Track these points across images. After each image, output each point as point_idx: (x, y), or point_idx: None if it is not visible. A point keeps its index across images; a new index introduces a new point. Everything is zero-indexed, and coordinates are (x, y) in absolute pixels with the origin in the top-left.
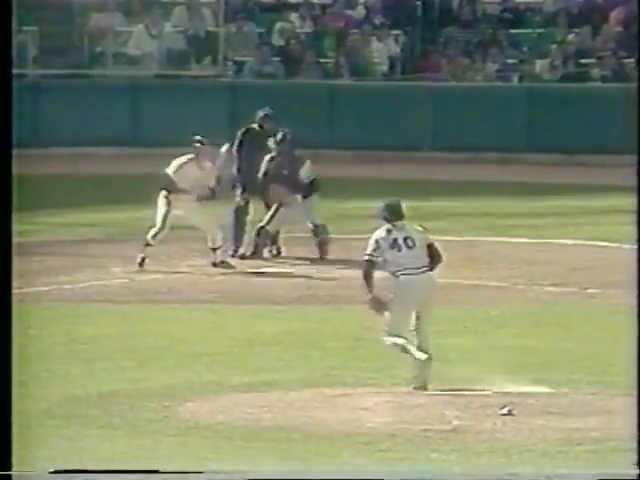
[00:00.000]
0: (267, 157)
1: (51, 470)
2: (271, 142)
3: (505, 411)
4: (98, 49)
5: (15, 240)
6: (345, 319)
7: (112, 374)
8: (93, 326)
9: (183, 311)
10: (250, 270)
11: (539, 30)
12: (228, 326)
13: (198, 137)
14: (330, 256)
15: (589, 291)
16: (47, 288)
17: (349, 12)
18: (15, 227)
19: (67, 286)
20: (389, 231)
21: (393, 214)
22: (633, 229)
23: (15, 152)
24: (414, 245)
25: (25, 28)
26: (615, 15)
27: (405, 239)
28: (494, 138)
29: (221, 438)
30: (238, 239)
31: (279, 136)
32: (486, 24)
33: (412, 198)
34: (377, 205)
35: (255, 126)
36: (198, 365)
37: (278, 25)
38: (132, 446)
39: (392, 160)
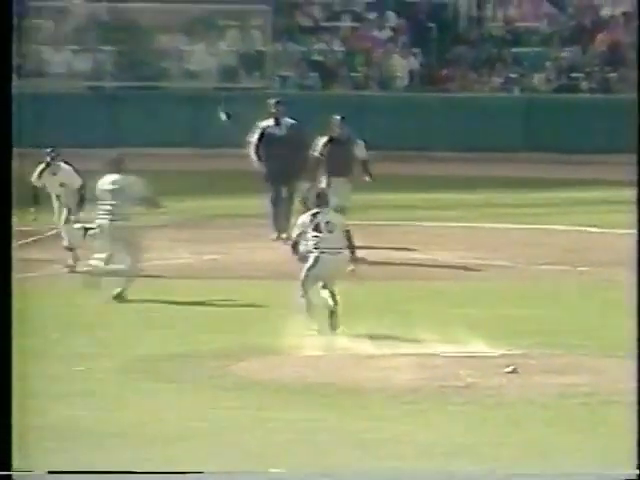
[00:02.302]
0: (325, 138)
1: (50, 470)
2: (335, 125)
3: (510, 370)
4: (164, 65)
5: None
6: (374, 292)
7: (178, 338)
8: (164, 298)
9: (238, 285)
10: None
11: (537, 49)
12: (276, 298)
13: None
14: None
15: (580, 269)
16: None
17: (375, 33)
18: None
19: (144, 263)
20: (314, 215)
21: (321, 201)
22: (630, 217)
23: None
24: (334, 229)
25: (103, 47)
26: (601, 37)
27: (327, 223)
28: (498, 140)
29: (270, 392)
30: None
31: (338, 119)
32: (491, 44)
33: (430, 191)
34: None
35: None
36: (251, 330)
37: (316, 45)
38: (196, 398)
39: (413, 158)
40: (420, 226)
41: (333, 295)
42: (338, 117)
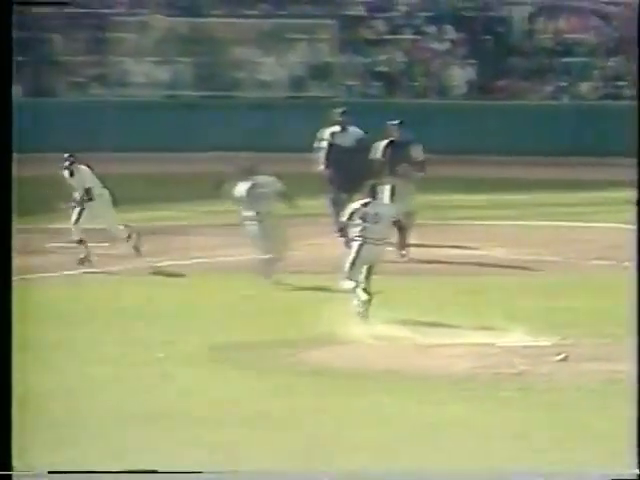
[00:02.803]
0: (384, 142)
1: (50, 470)
2: (393, 130)
3: (560, 358)
4: (238, 75)
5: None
6: (436, 286)
7: (255, 327)
8: (241, 290)
9: (308, 279)
10: None
11: (584, 59)
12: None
13: None
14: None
15: (624, 264)
16: (211, 260)
17: (434, 46)
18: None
19: (226, 258)
20: (364, 205)
21: (372, 193)
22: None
23: (170, 155)
24: (380, 221)
25: (181, 59)
26: None
27: (375, 214)
28: (548, 144)
29: (339, 377)
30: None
31: (396, 123)
32: (542, 55)
33: (485, 192)
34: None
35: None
36: (320, 321)
37: (379, 56)
38: (270, 382)
39: (469, 162)
40: (477, 225)
41: (367, 285)
42: (396, 121)
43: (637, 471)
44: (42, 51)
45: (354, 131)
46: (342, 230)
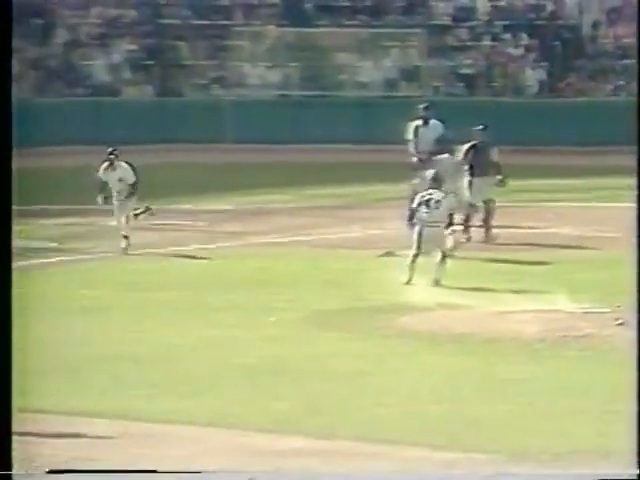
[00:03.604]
0: (467, 145)
1: (48, 470)
2: (477, 133)
3: (620, 322)
4: (339, 78)
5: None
6: (508, 259)
7: (351, 296)
8: (339, 264)
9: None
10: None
11: None
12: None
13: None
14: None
15: None
16: (309, 238)
17: (510, 50)
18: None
19: (323, 236)
20: (430, 193)
21: (434, 183)
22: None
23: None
24: (440, 207)
25: (290, 64)
26: None
27: (436, 202)
28: (609, 135)
29: (425, 340)
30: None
31: (480, 128)
32: (604, 57)
33: (549, 178)
34: None
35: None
36: (409, 291)
37: (462, 60)
38: (366, 344)
39: (540, 151)
40: (545, 207)
41: (442, 258)
42: (480, 127)
43: (637, 471)
44: (170, 56)
45: (435, 124)
46: (411, 215)
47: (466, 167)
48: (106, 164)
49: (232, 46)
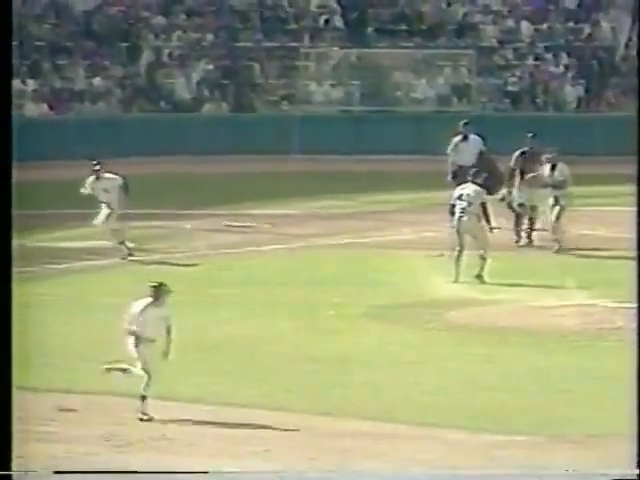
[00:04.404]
0: (518, 152)
1: (55, 470)
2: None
3: None
4: (397, 94)
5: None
6: (546, 259)
7: (401, 292)
8: (390, 264)
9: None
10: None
11: None
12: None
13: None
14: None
15: None
16: (366, 240)
17: (552, 69)
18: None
19: (378, 238)
20: (463, 188)
21: (460, 179)
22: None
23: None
24: (471, 200)
25: (353, 82)
26: None
27: (467, 195)
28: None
29: (469, 332)
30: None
31: (530, 135)
32: (637, 75)
33: (592, 185)
34: None
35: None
36: (455, 287)
37: (509, 78)
38: (415, 335)
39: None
40: (584, 210)
41: (482, 255)
42: (530, 134)
43: (637, 471)
44: (243, 76)
45: (474, 139)
46: (450, 209)
47: (517, 172)
48: (92, 177)
49: (300, 66)
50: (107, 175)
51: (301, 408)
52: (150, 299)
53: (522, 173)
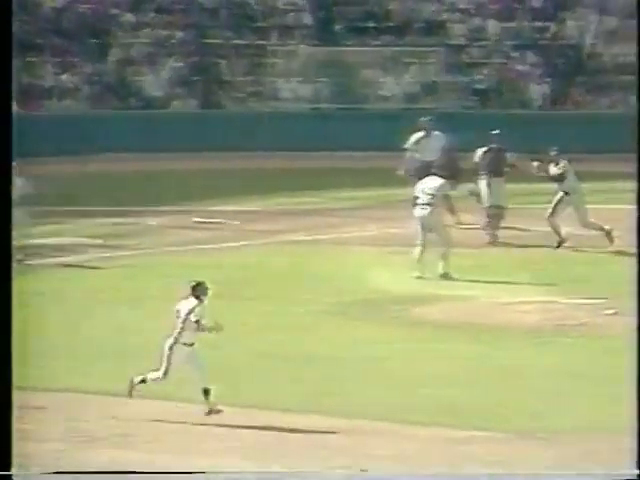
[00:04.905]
0: (483, 149)
1: (47, 472)
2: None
3: (611, 312)
4: (364, 91)
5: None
6: (508, 257)
7: (367, 288)
8: (353, 259)
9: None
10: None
11: (633, 77)
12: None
13: None
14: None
15: None
16: (331, 236)
17: (518, 67)
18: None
19: (343, 235)
20: (425, 183)
21: (422, 174)
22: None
23: (310, 154)
24: (430, 193)
25: (321, 79)
26: None
27: (428, 187)
28: (605, 144)
29: (433, 327)
30: None
31: (495, 133)
32: (602, 74)
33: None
34: None
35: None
36: (420, 283)
37: (476, 76)
38: (380, 332)
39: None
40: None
41: (444, 252)
42: (495, 132)
43: (637, 471)
44: (213, 73)
45: (437, 135)
46: (414, 201)
47: (482, 170)
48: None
49: (268, 63)
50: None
51: (266, 405)
52: (194, 300)
53: (489, 170)
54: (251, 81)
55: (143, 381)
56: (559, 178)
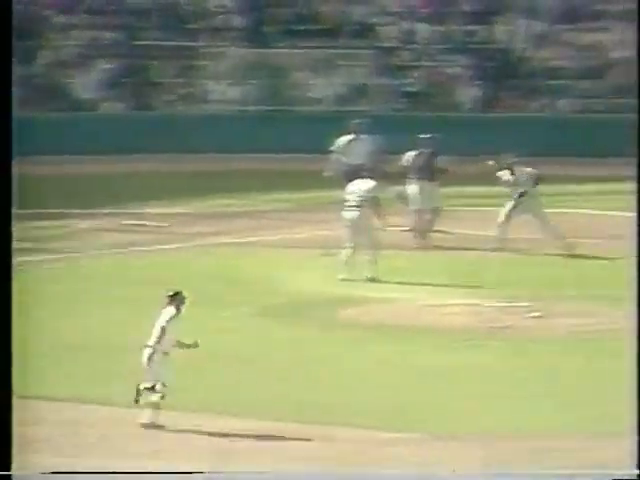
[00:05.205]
0: (414, 152)
1: (47, 472)
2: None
3: (537, 315)
4: (294, 93)
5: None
6: (439, 260)
7: (295, 291)
8: (285, 261)
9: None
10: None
11: (562, 81)
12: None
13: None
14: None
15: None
16: (260, 238)
17: (448, 70)
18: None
19: (273, 237)
20: (355, 185)
21: (352, 177)
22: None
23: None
24: (360, 195)
25: (250, 81)
26: (613, 72)
27: (359, 190)
28: (533, 147)
29: (361, 329)
30: None
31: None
32: (531, 77)
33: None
34: None
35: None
36: (349, 286)
37: (406, 79)
38: (309, 333)
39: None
40: (474, 211)
41: (371, 254)
42: (426, 135)
43: (637, 471)
44: (143, 75)
45: (366, 138)
46: (345, 203)
47: (412, 173)
48: None
49: (198, 65)
50: None
51: (193, 408)
52: (173, 310)
53: (419, 173)
54: (182, 83)
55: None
56: (514, 183)
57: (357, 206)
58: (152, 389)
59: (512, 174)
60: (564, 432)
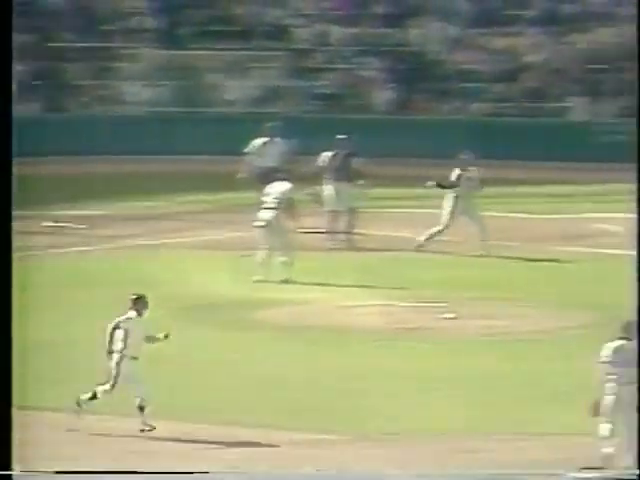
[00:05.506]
0: (330, 153)
1: (47, 471)
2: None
3: (450, 316)
4: (208, 95)
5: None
6: (354, 260)
7: (210, 293)
8: (199, 263)
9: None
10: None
11: (476, 84)
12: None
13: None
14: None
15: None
16: (175, 240)
17: (362, 73)
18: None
19: (187, 239)
20: (270, 187)
21: (266, 179)
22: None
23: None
24: (275, 197)
25: (164, 82)
26: (525, 76)
27: (274, 192)
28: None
29: (277, 330)
30: None
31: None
32: (445, 80)
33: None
34: None
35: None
36: (264, 288)
37: (319, 81)
38: (225, 333)
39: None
40: (392, 212)
41: (285, 256)
42: (342, 136)
43: (637, 471)
44: (56, 77)
45: (279, 141)
46: (260, 206)
47: (328, 174)
48: None
49: (113, 67)
50: None
51: (109, 410)
52: (134, 313)
53: (335, 174)
54: (95, 85)
55: (94, 397)
56: (452, 185)
57: (272, 208)
58: (94, 397)
59: (456, 176)
60: (470, 432)
